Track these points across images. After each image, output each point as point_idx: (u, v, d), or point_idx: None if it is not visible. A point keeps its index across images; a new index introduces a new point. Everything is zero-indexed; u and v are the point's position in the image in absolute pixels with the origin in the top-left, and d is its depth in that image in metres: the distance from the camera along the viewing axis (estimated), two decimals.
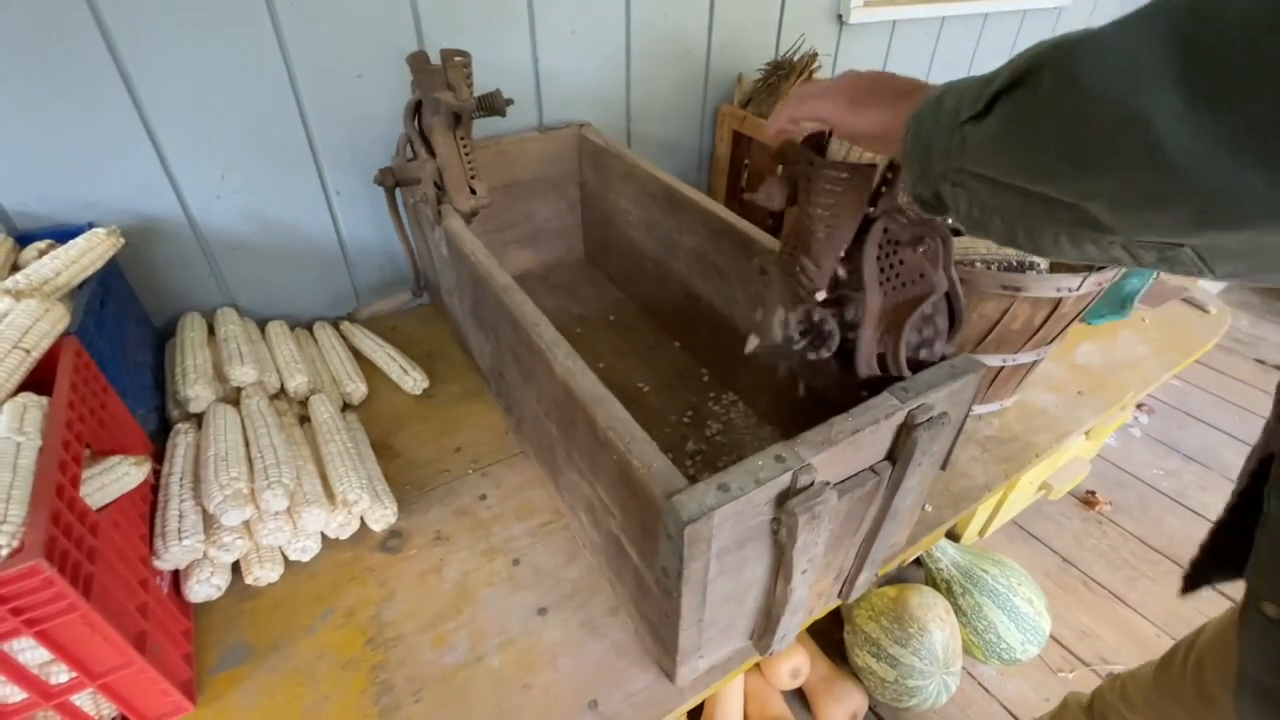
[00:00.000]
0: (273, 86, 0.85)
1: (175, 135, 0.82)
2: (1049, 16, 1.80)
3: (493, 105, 0.84)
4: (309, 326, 1.01)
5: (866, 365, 0.56)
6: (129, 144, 0.80)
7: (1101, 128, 0.26)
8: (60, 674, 0.49)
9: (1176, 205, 0.26)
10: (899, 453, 0.55)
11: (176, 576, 0.64)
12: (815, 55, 1.12)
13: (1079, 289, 0.77)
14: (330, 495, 0.70)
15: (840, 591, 0.71)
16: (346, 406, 0.90)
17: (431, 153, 0.81)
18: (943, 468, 0.62)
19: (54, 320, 0.60)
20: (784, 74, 1.14)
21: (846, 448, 0.50)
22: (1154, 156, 0.24)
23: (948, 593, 1.25)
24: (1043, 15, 1.78)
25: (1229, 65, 0.22)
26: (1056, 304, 0.78)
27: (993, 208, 0.35)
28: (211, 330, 0.90)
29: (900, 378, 0.54)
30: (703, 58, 1.22)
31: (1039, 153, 0.29)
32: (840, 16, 1.35)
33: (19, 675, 0.47)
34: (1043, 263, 0.81)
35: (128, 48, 0.75)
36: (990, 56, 1.74)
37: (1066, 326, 0.85)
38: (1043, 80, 0.28)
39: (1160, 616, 1.40)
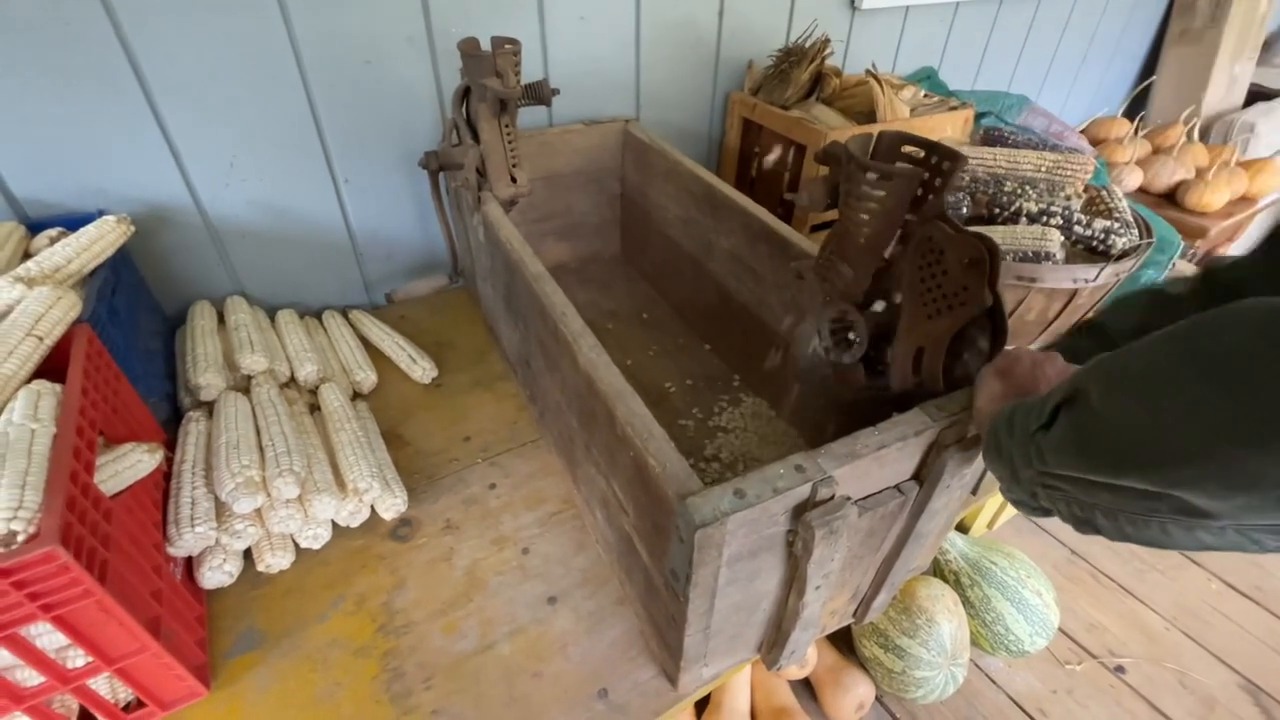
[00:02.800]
0: (281, 74, 0.85)
1: (184, 123, 0.82)
2: (1065, 2, 1.77)
3: (539, 94, 0.84)
4: (318, 315, 1.02)
5: (900, 379, 0.53)
6: (138, 132, 0.80)
7: (1154, 426, 0.28)
8: (77, 658, 0.50)
9: (1269, 486, 0.26)
10: (927, 473, 0.52)
11: (189, 563, 0.65)
12: (827, 41, 1.11)
13: (1095, 280, 0.76)
14: (341, 483, 0.71)
15: (855, 612, 0.69)
16: (356, 395, 0.90)
17: (476, 139, 0.81)
18: (973, 493, 0.59)
19: (66, 308, 0.60)
20: (795, 61, 1.12)
21: (871, 463, 0.47)
22: (1218, 443, 0.26)
23: (956, 584, 1.25)
24: (1058, 1, 1.75)
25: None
26: (1072, 295, 0.78)
27: (1089, 505, 0.36)
28: (222, 318, 0.90)
29: (936, 394, 0.51)
30: (713, 44, 1.20)
31: (1110, 450, 0.31)
32: (852, 2, 1.33)
33: (37, 659, 0.48)
34: (1059, 253, 0.79)
35: (137, 36, 0.75)
36: (1004, 44, 1.71)
37: (1082, 318, 0.84)
38: (1090, 392, 0.33)
39: (1169, 609, 1.40)
